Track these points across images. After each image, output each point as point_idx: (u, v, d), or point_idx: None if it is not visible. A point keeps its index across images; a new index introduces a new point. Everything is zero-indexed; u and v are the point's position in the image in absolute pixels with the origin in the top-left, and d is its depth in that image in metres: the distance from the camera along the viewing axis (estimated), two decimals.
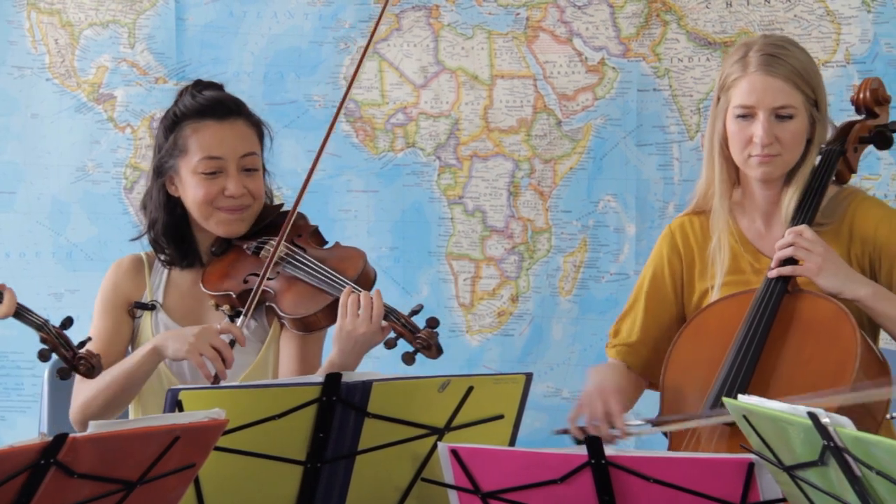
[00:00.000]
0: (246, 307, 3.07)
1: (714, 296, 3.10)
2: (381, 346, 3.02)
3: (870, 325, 3.00)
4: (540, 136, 3.99)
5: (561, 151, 3.98)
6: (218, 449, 2.36)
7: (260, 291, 3.10)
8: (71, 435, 2.11)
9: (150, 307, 3.20)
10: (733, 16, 3.79)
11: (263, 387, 2.57)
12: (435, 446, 2.55)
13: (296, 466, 2.54)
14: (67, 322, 2.80)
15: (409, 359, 3.02)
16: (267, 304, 3.13)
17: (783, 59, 3.00)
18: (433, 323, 3.02)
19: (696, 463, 2.40)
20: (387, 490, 2.64)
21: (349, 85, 3.24)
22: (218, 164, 3.14)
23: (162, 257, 3.22)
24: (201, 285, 3.18)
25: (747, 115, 3.01)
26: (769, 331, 2.92)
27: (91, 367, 2.80)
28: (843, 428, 2.14)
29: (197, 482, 2.47)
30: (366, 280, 3.12)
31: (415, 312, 3.05)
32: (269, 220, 3.25)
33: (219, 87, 3.26)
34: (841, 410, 2.65)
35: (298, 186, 3.96)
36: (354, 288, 3.04)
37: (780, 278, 2.95)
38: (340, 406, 2.51)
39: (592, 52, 3.93)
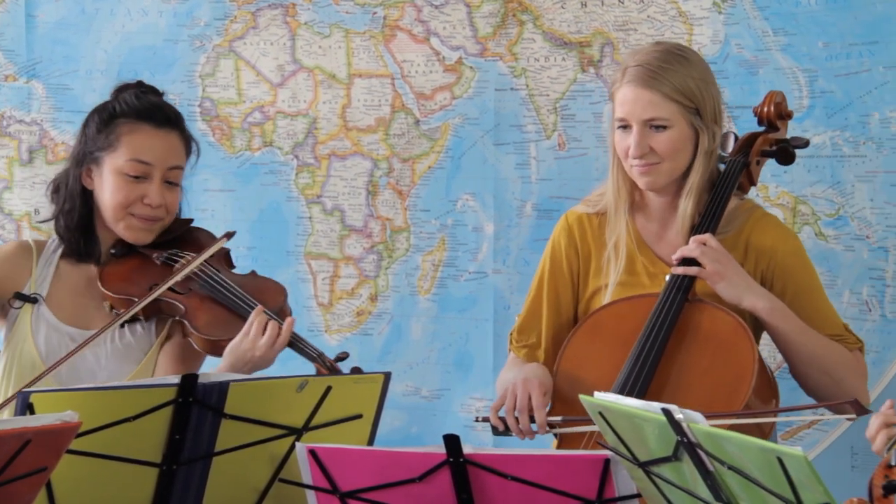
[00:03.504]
0: (138, 305, 3.04)
1: (607, 297, 3.12)
2: None
3: (752, 328, 3.04)
4: (398, 135, 3.98)
5: (419, 150, 3.98)
6: (71, 452, 2.33)
7: (166, 303, 3.08)
8: None
9: (32, 300, 3.14)
10: (588, 16, 3.82)
11: (118, 388, 2.54)
12: (293, 446, 2.54)
13: (151, 469, 2.51)
14: None
15: None
16: (177, 318, 3.10)
17: (656, 71, 3.02)
18: (357, 372, 3.05)
19: (552, 460, 2.42)
20: (244, 491, 2.62)
21: None
22: (145, 169, 3.14)
23: (65, 247, 3.17)
24: (100, 285, 3.14)
25: (625, 126, 3.05)
26: (668, 339, 2.95)
27: None
28: (696, 424, 2.18)
29: (49, 486, 2.43)
30: (282, 316, 3.12)
31: (340, 359, 3.07)
32: (177, 234, 3.24)
33: (160, 94, 3.24)
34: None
35: None
36: (268, 314, 3.04)
37: (680, 286, 2.98)
38: (197, 407, 2.48)
39: (450, 52, 3.94)
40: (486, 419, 3.04)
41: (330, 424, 2.61)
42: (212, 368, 3.14)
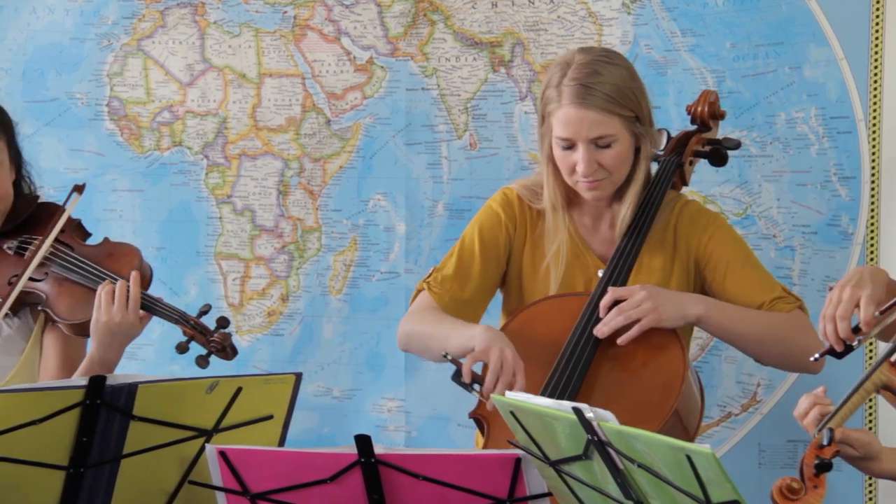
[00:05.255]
0: (3, 308, 2.97)
1: (551, 291, 3.12)
2: (173, 352, 3.00)
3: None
4: (309, 134, 3.97)
5: (330, 150, 3.97)
6: None
7: (27, 293, 3.02)
8: None
9: None
10: (499, 16, 3.83)
11: (23, 391, 2.50)
12: (203, 448, 2.52)
13: (58, 472, 2.49)
14: None
15: (202, 362, 3.00)
16: (40, 308, 3.05)
17: (594, 87, 3.01)
18: (224, 323, 3.01)
19: (464, 460, 2.43)
20: (153, 494, 2.60)
21: None
22: None
23: None
24: None
25: (568, 146, 3.05)
26: (598, 343, 2.96)
27: None
28: (607, 422, 2.19)
29: None
30: (142, 278, 3.07)
31: (203, 313, 3.03)
32: (28, 214, 3.15)
33: None
34: (665, 424, 2.75)
35: (60, 185, 3.88)
36: (112, 278, 2.98)
37: (608, 286, 3.00)
38: (105, 409, 2.46)
39: (360, 51, 3.93)
40: (455, 361, 2.93)
41: (240, 426, 2.60)
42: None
